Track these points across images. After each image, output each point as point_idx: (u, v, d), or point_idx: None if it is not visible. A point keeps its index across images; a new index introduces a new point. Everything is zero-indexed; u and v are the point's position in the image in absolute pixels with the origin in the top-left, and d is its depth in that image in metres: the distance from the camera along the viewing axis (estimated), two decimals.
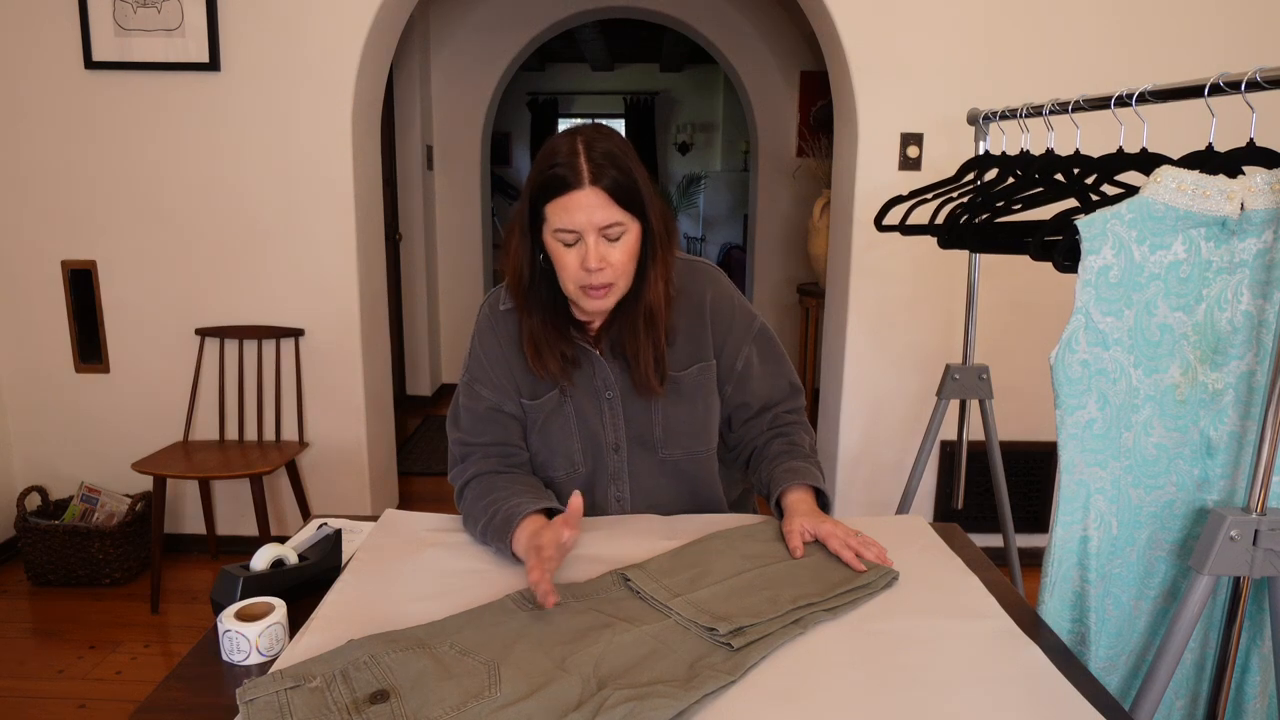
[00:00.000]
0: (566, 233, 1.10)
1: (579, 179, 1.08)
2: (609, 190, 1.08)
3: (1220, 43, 2.52)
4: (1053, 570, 1.17)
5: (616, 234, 1.11)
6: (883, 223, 1.89)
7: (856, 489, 2.84)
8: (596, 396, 1.24)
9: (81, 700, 2.08)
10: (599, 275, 1.11)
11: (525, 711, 0.78)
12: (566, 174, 1.08)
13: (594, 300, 1.14)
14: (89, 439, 2.80)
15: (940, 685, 0.84)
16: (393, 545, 1.17)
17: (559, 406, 1.24)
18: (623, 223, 1.11)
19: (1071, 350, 1.10)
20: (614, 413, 1.25)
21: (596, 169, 1.08)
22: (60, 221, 2.67)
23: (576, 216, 1.08)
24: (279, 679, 0.81)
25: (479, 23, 4.45)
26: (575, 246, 1.11)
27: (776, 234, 4.86)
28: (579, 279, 1.12)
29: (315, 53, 2.57)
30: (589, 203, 1.08)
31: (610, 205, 1.09)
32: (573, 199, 1.08)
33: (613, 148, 1.10)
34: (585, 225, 1.09)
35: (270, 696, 0.79)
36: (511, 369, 1.24)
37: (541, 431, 1.25)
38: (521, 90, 7.74)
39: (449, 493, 1.27)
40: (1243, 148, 1.15)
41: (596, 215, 1.09)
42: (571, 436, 1.25)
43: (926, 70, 2.57)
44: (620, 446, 1.26)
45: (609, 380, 1.23)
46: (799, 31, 4.54)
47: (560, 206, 1.09)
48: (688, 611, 0.95)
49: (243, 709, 0.78)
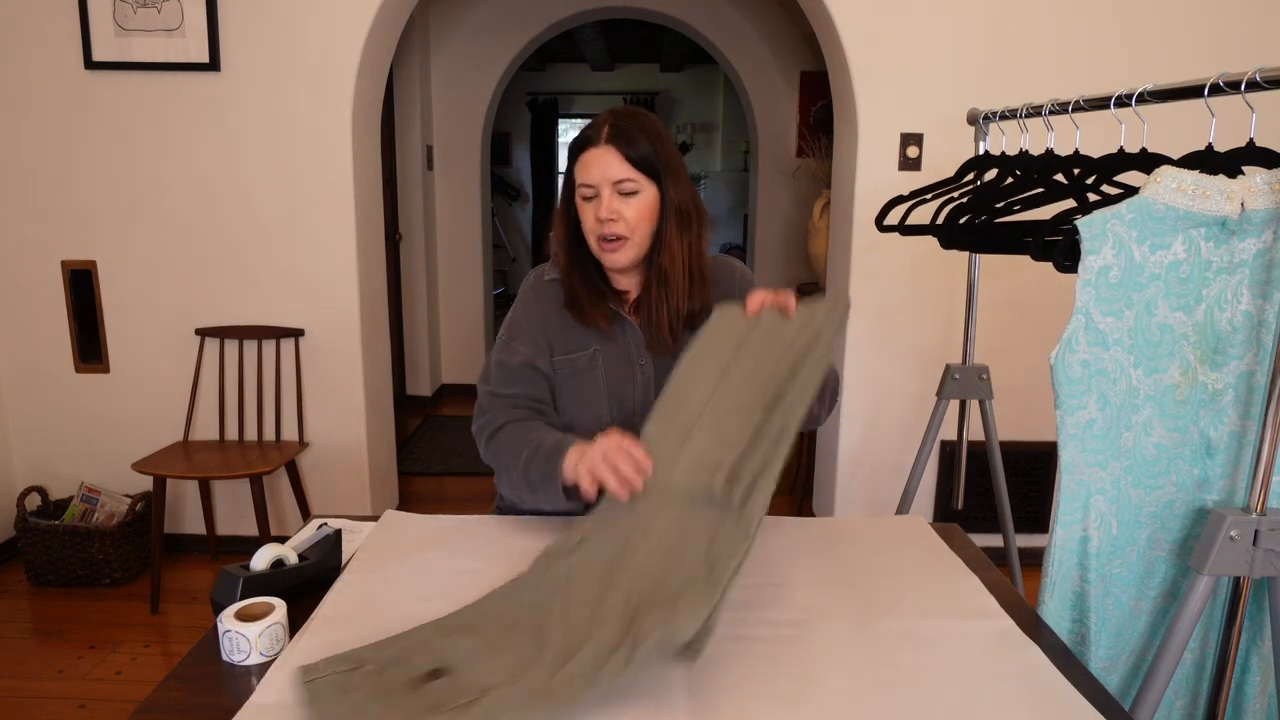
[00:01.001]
0: (586, 187, 1.25)
1: (598, 138, 1.23)
2: (622, 150, 1.22)
3: (1220, 43, 2.52)
4: (1053, 570, 1.17)
5: (629, 189, 1.23)
6: (883, 223, 1.89)
7: (856, 489, 2.84)
8: (630, 361, 1.32)
9: (81, 700, 2.08)
10: (610, 226, 1.23)
11: (571, 672, 0.80)
12: (590, 134, 1.24)
13: (608, 253, 1.26)
14: (89, 439, 2.80)
15: (940, 685, 0.84)
16: (393, 546, 1.17)
17: (590, 367, 1.31)
18: (634, 180, 1.23)
19: (1072, 350, 1.10)
20: (645, 377, 1.32)
21: (614, 130, 1.23)
22: (60, 221, 2.67)
23: (592, 171, 1.23)
24: (336, 662, 0.83)
25: (479, 23, 4.45)
26: (593, 201, 1.25)
27: (776, 234, 4.86)
28: (595, 230, 1.25)
29: (315, 53, 2.57)
30: (603, 159, 1.23)
31: (623, 163, 1.22)
32: (590, 155, 1.24)
33: (638, 119, 1.25)
34: (600, 179, 1.23)
35: (331, 677, 0.80)
36: (547, 327, 1.33)
37: (572, 388, 1.32)
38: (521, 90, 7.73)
39: (449, 493, 1.28)
40: (1243, 148, 1.15)
41: (610, 170, 1.22)
42: (600, 396, 1.31)
43: (926, 70, 2.57)
44: (649, 408, 1.30)
45: (640, 346, 1.32)
46: (799, 31, 4.54)
47: (581, 164, 1.25)
48: (686, 480, 0.99)
49: (305, 689, 0.79)
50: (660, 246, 1.28)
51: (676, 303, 1.29)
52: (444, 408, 4.73)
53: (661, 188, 1.26)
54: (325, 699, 0.78)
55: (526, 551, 1.10)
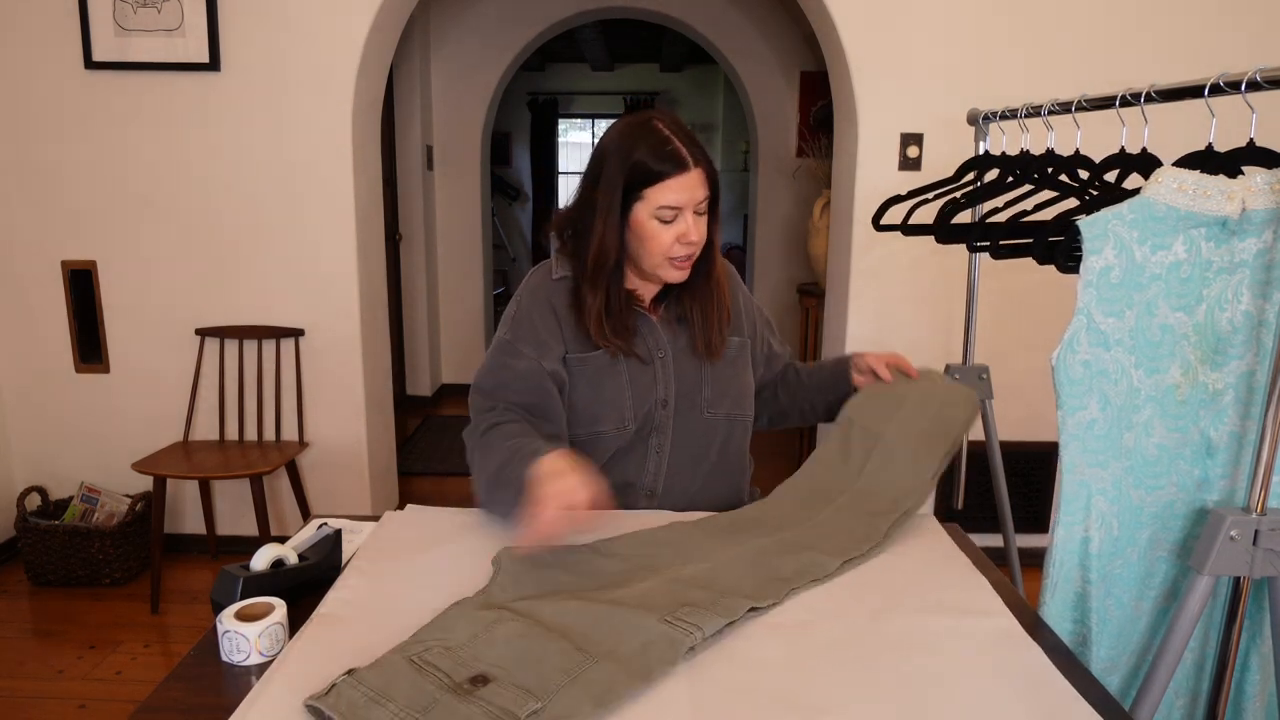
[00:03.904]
0: (669, 209, 1.22)
1: (684, 163, 1.21)
2: (707, 171, 1.23)
3: (1220, 43, 2.52)
4: (1054, 571, 1.17)
5: (704, 209, 1.26)
6: (880, 222, 1.89)
7: None
8: (649, 357, 1.32)
9: (81, 700, 2.08)
10: (692, 247, 1.25)
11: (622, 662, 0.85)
12: (670, 160, 1.21)
13: (679, 271, 1.27)
14: (89, 439, 2.80)
15: (941, 686, 0.84)
16: (393, 545, 1.17)
17: (613, 364, 1.31)
18: (708, 199, 1.25)
19: (1073, 351, 1.10)
20: (666, 372, 1.33)
21: (698, 151, 1.22)
22: (60, 221, 2.67)
23: (683, 195, 1.21)
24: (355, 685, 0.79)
25: (479, 23, 4.45)
26: (674, 224, 1.23)
27: (776, 234, 4.86)
28: (670, 251, 1.24)
29: (315, 53, 2.57)
30: (694, 182, 1.22)
31: (706, 184, 1.24)
32: (682, 180, 1.21)
33: (689, 130, 1.25)
34: (688, 203, 1.22)
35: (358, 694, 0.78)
36: (560, 327, 1.31)
37: (593, 386, 1.30)
38: (521, 90, 7.73)
39: (449, 493, 1.29)
40: (1243, 148, 1.15)
41: (698, 193, 1.23)
42: (624, 393, 1.31)
43: (926, 70, 2.57)
44: (669, 402, 1.33)
45: (661, 343, 1.33)
46: (799, 31, 4.54)
47: (667, 188, 1.21)
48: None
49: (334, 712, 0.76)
50: (712, 253, 1.32)
51: (727, 305, 1.35)
52: (444, 408, 4.73)
53: (716, 200, 1.28)
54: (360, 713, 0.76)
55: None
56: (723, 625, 0.91)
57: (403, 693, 0.78)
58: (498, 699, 0.77)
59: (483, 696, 0.77)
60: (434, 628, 0.90)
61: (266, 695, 0.81)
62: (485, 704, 0.76)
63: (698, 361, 1.34)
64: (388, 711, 0.75)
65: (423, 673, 0.81)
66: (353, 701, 0.76)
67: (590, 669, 0.82)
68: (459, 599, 0.97)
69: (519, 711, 0.75)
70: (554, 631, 0.88)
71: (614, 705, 0.78)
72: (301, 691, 0.81)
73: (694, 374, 1.34)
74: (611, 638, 0.87)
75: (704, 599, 0.96)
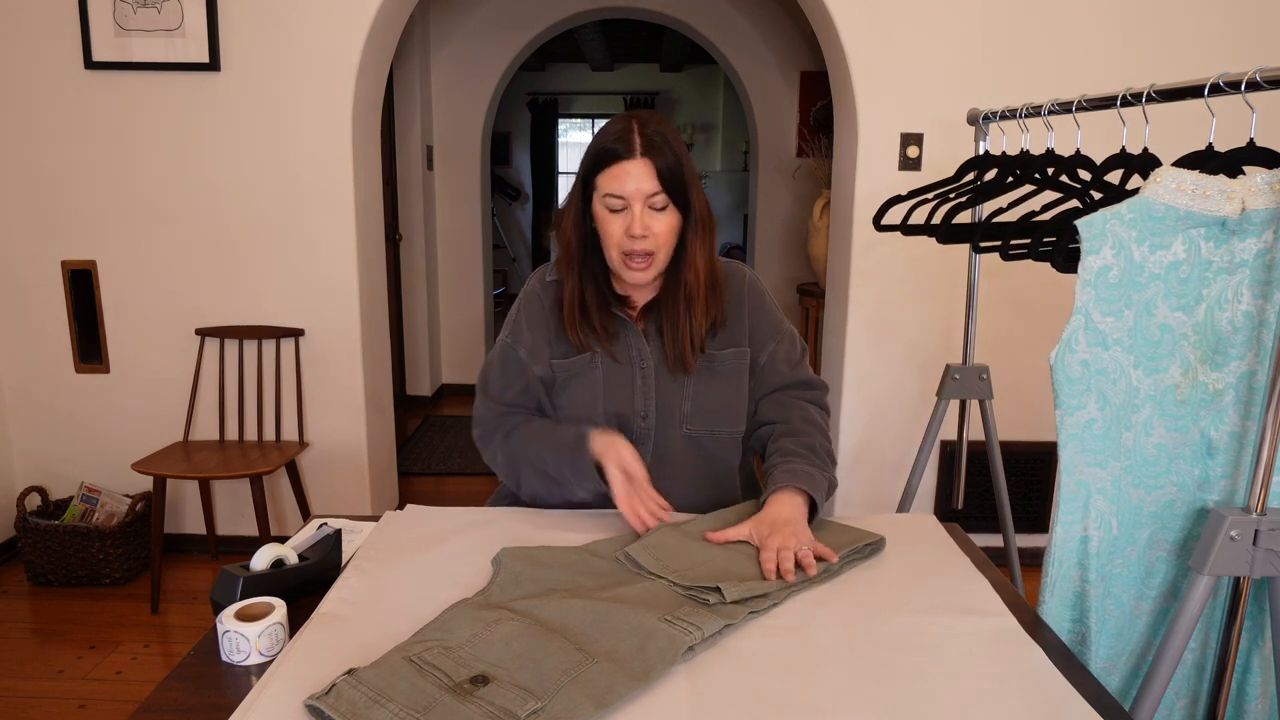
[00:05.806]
0: (615, 198, 1.20)
1: (630, 150, 1.19)
2: (657, 164, 1.19)
3: (1220, 43, 2.52)
4: (1053, 570, 1.17)
5: (660, 204, 1.21)
6: (881, 222, 1.89)
7: (857, 489, 2.84)
8: (631, 365, 1.31)
9: (81, 700, 2.08)
10: (641, 243, 1.21)
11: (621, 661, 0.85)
12: (619, 146, 1.19)
13: (634, 271, 1.23)
14: (89, 439, 2.80)
15: (940, 685, 0.84)
16: (393, 545, 1.17)
17: (588, 369, 1.30)
18: (665, 196, 1.20)
19: (1071, 350, 1.10)
20: (646, 383, 1.31)
21: (647, 143, 1.19)
22: (60, 221, 2.67)
23: (626, 184, 1.19)
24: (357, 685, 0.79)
25: (479, 23, 4.45)
26: (621, 214, 1.21)
27: (776, 234, 4.86)
28: (623, 245, 1.22)
29: (315, 53, 2.57)
30: (638, 172, 1.19)
31: (656, 178, 1.19)
32: (623, 167, 1.19)
33: (664, 129, 1.22)
34: (633, 193, 1.19)
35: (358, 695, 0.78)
36: (548, 330, 1.32)
37: (568, 391, 1.31)
38: (521, 90, 7.73)
39: (449, 493, 1.29)
40: (1243, 148, 1.15)
41: (644, 184, 1.19)
42: (596, 399, 1.30)
43: (926, 70, 2.57)
44: (648, 415, 1.31)
45: (644, 352, 1.31)
46: (799, 31, 4.54)
47: (611, 175, 1.20)
48: (689, 578, 1.03)
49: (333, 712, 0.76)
50: (685, 262, 1.26)
51: (700, 319, 1.28)
52: (444, 408, 4.73)
53: (689, 202, 1.23)
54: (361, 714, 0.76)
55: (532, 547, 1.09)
56: (722, 626, 0.92)
57: (403, 693, 0.78)
58: (498, 699, 0.77)
59: (483, 696, 0.77)
60: (434, 628, 0.90)
61: (266, 695, 0.81)
62: (485, 704, 0.76)
63: (677, 375, 1.30)
64: (388, 711, 0.75)
65: (423, 673, 0.81)
66: (353, 701, 0.76)
67: (590, 669, 0.82)
68: (459, 599, 0.98)
69: (519, 711, 0.75)
70: (554, 631, 0.88)
71: (614, 705, 0.78)
72: (301, 691, 0.81)
73: (673, 388, 1.31)
74: (611, 637, 0.87)
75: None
